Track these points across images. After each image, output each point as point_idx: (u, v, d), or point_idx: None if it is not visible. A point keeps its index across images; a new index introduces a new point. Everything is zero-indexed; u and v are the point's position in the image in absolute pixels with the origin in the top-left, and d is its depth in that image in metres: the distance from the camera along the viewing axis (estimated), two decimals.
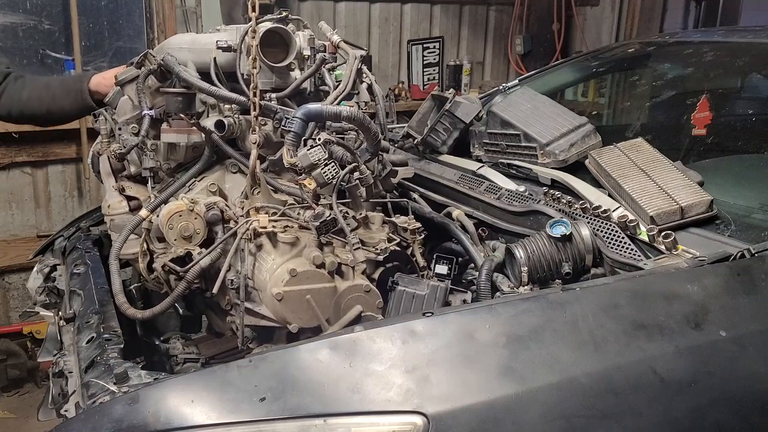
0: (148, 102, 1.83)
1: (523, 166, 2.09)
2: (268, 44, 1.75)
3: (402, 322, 1.25)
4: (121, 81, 1.89)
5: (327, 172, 1.56)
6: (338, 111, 1.64)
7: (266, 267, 1.60)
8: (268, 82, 1.79)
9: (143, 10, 3.80)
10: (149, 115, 1.81)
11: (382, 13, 4.68)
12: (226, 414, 1.11)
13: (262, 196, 1.71)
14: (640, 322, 1.28)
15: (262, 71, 1.73)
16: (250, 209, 1.69)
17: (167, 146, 1.83)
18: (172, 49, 1.88)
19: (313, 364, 1.17)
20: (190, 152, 1.85)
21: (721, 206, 1.66)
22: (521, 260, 1.62)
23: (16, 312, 3.73)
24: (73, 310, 1.77)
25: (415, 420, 1.10)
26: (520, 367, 1.19)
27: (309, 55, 1.86)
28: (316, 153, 1.56)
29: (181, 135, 1.80)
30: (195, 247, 1.69)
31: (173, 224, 1.67)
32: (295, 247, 1.61)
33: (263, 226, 1.61)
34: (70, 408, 1.40)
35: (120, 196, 1.89)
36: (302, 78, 1.82)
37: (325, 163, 1.56)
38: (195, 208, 1.68)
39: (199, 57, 1.86)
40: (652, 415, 1.20)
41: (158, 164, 1.86)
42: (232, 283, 1.61)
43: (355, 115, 1.65)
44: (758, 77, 2.50)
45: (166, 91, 1.81)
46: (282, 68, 1.80)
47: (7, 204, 3.60)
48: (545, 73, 2.95)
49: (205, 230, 1.70)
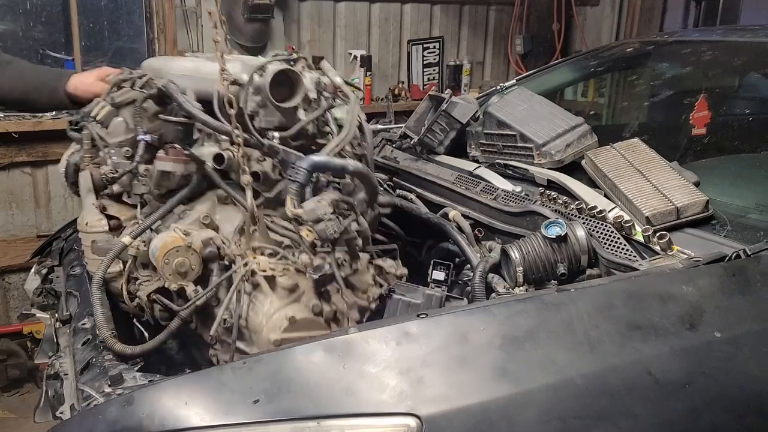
0: (143, 127, 1.80)
1: (519, 167, 2.09)
2: (276, 83, 1.72)
3: (396, 323, 1.25)
4: (118, 103, 1.85)
5: (330, 228, 1.54)
6: (344, 165, 1.64)
7: (263, 310, 1.56)
8: (272, 120, 1.75)
9: (143, 10, 3.80)
10: (145, 140, 1.79)
11: (382, 13, 4.68)
12: (221, 416, 1.11)
13: (258, 234, 1.68)
14: (635, 322, 1.28)
15: (267, 109, 1.71)
16: (247, 249, 1.65)
17: (160, 173, 1.78)
18: (173, 75, 1.84)
19: (308, 365, 1.17)
20: (183, 180, 1.81)
21: (717, 207, 1.65)
22: (516, 261, 1.62)
23: (16, 312, 3.73)
24: (69, 312, 1.77)
25: (409, 422, 1.10)
26: (515, 368, 1.19)
27: (314, 97, 1.83)
28: (322, 208, 1.55)
29: (178, 164, 1.77)
30: (189, 284, 1.65)
31: (169, 260, 1.63)
32: (293, 293, 1.58)
33: (263, 268, 1.58)
34: (65, 410, 1.41)
35: (100, 215, 1.84)
36: (307, 120, 1.79)
37: (329, 218, 1.55)
38: (193, 244, 1.65)
39: (200, 85, 1.81)
40: (647, 416, 1.20)
41: (149, 190, 1.82)
42: (225, 323, 1.58)
43: (361, 170, 1.66)
44: (757, 76, 2.49)
45: (167, 119, 1.78)
46: (289, 109, 1.76)
47: (7, 204, 3.60)
48: (543, 73, 2.95)
49: (200, 267, 1.66)
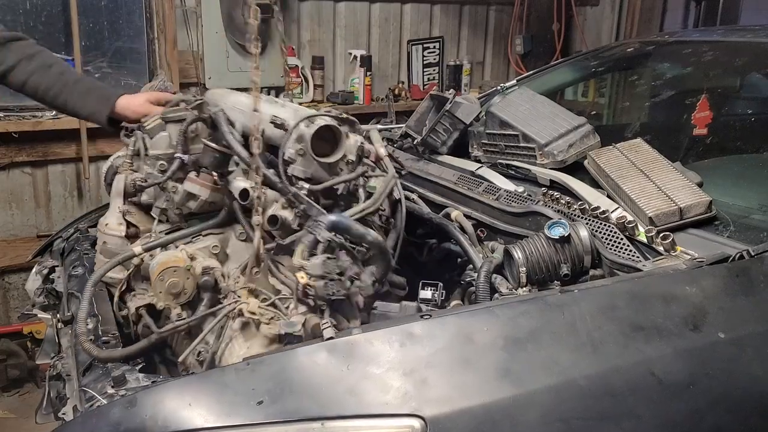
0: (185, 146, 1.86)
1: (521, 167, 2.09)
2: (320, 136, 1.75)
3: (400, 324, 1.24)
4: (168, 118, 1.92)
5: (330, 289, 1.52)
6: (364, 233, 1.63)
7: (238, 352, 1.56)
8: (307, 171, 1.77)
9: (143, 10, 3.79)
10: (182, 159, 1.84)
11: (382, 13, 4.67)
12: (224, 417, 1.11)
13: (260, 277, 1.68)
14: (638, 323, 1.28)
15: (305, 159, 1.74)
16: (244, 288, 1.66)
17: (186, 194, 1.83)
18: (226, 106, 1.89)
19: (311, 366, 1.17)
20: (206, 206, 1.86)
21: (720, 207, 1.65)
22: (519, 261, 1.62)
23: (16, 312, 3.72)
24: (71, 313, 1.77)
25: (413, 423, 1.10)
26: (518, 369, 1.19)
27: (353, 160, 1.84)
28: (330, 266, 1.53)
29: (204, 189, 1.82)
30: (177, 306, 1.67)
31: (164, 277, 1.65)
32: (273, 343, 1.57)
33: (251, 311, 1.58)
34: (67, 411, 1.40)
35: (121, 219, 1.89)
36: (337, 180, 1.80)
37: (331, 278, 1.53)
38: (191, 268, 1.66)
39: (249, 121, 1.82)
40: (650, 417, 1.20)
41: (171, 207, 1.86)
42: (199, 355, 1.58)
43: (380, 244, 1.65)
44: (758, 77, 2.49)
45: (207, 144, 1.81)
46: (327, 164, 1.79)
47: (7, 204, 3.59)
48: (543, 73, 2.95)
49: (193, 292, 1.68)
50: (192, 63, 3.92)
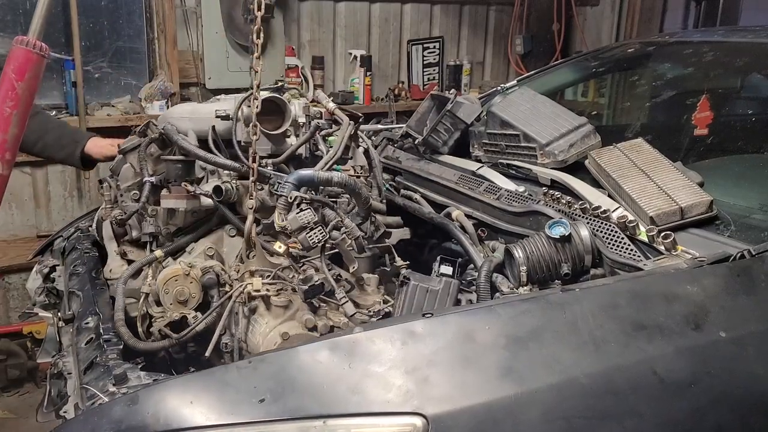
0: (149, 169, 1.92)
1: (522, 167, 2.09)
2: (265, 112, 1.80)
3: (401, 323, 1.25)
4: (124, 149, 2.00)
5: (313, 236, 1.58)
6: (329, 177, 1.70)
7: (259, 330, 1.61)
8: (265, 148, 1.85)
9: (143, 10, 3.79)
10: (150, 182, 1.90)
11: (382, 13, 4.67)
12: (226, 415, 1.11)
13: (257, 259, 1.73)
14: (639, 322, 1.28)
15: (259, 138, 1.78)
16: (245, 272, 1.70)
17: (167, 212, 1.87)
18: (173, 119, 1.96)
19: (313, 365, 1.17)
20: (189, 217, 1.90)
21: (721, 207, 1.65)
22: (520, 261, 1.62)
23: (16, 312, 3.72)
24: (72, 311, 1.77)
25: (415, 421, 1.11)
26: (519, 367, 1.19)
27: (304, 122, 1.93)
28: (305, 216, 1.59)
29: (180, 201, 1.85)
30: (190, 311, 1.69)
31: (169, 289, 1.68)
32: (288, 310, 1.63)
33: (257, 289, 1.63)
34: (69, 409, 1.40)
35: (121, 260, 1.94)
36: (297, 144, 1.89)
37: (311, 227, 1.58)
38: (191, 273, 1.69)
39: (198, 125, 1.93)
40: (652, 416, 1.20)
41: (158, 229, 1.90)
42: (226, 347, 1.61)
43: (346, 181, 1.71)
44: (758, 77, 2.50)
45: (166, 158, 1.89)
46: (278, 135, 1.87)
47: (7, 204, 3.59)
48: (544, 73, 2.95)
49: (200, 294, 1.71)
50: (192, 63, 3.92)
